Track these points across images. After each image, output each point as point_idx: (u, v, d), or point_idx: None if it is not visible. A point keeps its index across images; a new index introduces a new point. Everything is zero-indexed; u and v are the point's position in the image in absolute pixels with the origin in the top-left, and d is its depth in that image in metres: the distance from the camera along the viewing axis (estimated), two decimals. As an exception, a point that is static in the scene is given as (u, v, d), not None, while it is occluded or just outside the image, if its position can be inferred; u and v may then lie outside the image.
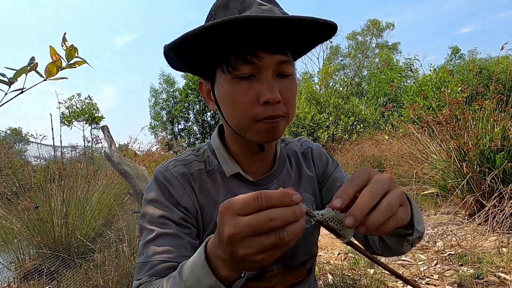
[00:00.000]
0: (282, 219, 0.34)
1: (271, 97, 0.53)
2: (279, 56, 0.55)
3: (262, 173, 0.68)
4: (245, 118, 0.56)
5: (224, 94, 0.57)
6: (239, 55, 0.54)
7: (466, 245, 2.05)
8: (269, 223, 0.34)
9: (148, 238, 0.58)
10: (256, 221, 0.34)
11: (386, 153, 5.45)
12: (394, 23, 23.85)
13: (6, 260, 2.48)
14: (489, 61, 15.11)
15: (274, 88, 0.54)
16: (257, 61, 0.53)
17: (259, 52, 0.53)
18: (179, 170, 0.64)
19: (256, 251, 0.35)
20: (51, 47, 0.56)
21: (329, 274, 1.84)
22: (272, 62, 0.54)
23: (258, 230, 0.34)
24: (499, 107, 2.78)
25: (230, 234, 0.35)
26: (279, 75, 0.57)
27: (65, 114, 14.59)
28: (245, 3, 0.56)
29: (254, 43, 0.53)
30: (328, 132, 9.42)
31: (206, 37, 0.52)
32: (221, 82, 0.57)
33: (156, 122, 18.85)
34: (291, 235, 0.35)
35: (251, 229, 0.34)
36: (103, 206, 3.02)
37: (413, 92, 9.72)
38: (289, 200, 0.36)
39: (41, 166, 3.52)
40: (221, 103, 0.60)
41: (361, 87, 18.93)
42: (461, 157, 2.62)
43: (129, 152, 5.46)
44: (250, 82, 0.55)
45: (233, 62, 0.54)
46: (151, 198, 0.62)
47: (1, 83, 0.54)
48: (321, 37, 0.60)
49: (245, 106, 0.55)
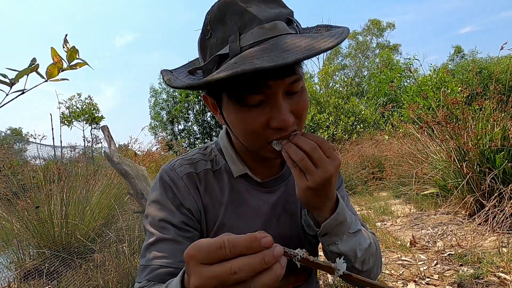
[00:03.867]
0: (247, 270, 0.30)
1: (283, 124, 0.51)
2: (287, 79, 0.51)
3: (270, 175, 0.67)
4: (257, 141, 0.55)
5: (234, 120, 0.55)
6: (247, 87, 0.50)
7: (466, 245, 2.05)
8: (232, 276, 0.30)
9: (149, 241, 0.58)
10: (219, 274, 0.31)
11: (386, 153, 5.45)
12: (394, 23, 23.88)
13: (6, 260, 2.48)
14: (488, 61, 15.12)
15: (285, 112, 0.51)
16: (266, 90, 0.50)
17: (268, 82, 0.50)
18: (185, 170, 0.63)
19: None
20: (52, 48, 0.56)
21: (329, 274, 1.84)
22: (282, 86, 0.51)
23: (223, 282, 0.31)
24: (499, 107, 2.78)
25: (196, 285, 0.32)
26: (289, 92, 0.53)
27: (65, 114, 14.58)
28: (243, 18, 0.50)
29: (261, 75, 0.49)
30: (328, 132, 9.42)
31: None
32: (229, 108, 0.54)
33: (156, 122, 18.85)
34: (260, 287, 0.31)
35: (215, 281, 0.31)
36: (103, 206, 3.01)
37: (413, 92, 9.72)
38: (257, 246, 0.32)
39: (41, 166, 3.52)
40: (231, 126, 0.57)
41: (361, 87, 18.94)
42: (461, 157, 2.62)
43: (129, 152, 5.46)
44: (260, 109, 0.52)
45: (240, 94, 0.51)
46: (154, 198, 0.62)
47: (2, 84, 0.55)
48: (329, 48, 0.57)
49: (256, 131, 0.53)
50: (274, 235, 0.64)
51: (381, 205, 3.64)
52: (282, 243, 0.64)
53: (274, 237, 0.64)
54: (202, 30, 0.57)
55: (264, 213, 0.65)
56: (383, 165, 5.29)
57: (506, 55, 12.91)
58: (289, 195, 0.68)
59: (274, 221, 0.66)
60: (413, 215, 3.03)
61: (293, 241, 0.67)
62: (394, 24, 23.82)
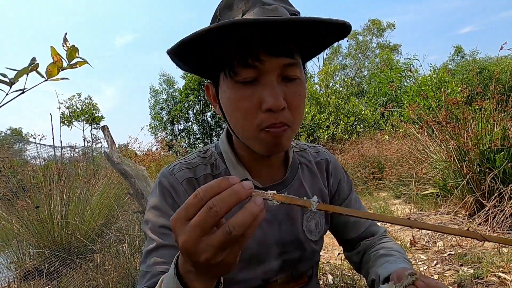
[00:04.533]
0: (220, 203, 0.31)
1: (273, 104, 0.50)
2: (283, 59, 0.51)
3: (271, 180, 0.66)
4: (249, 126, 0.53)
5: (227, 100, 0.54)
6: (241, 59, 0.50)
7: (466, 245, 2.05)
8: (209, 212, 0.31)
9: (149, 247, 0.57)
10: (199, 218, 0.32)
11: (386, 153, 5.44)
12: (394, 23, 23.88)
13: (6, 260, 2.48)
14: (488, 61, 15.12)
15: (277, 94, 0.50)
16: (260, 65, 0.50)
17: (261, 56, 0.50)
18: (185, 175, 0.62)
19: (213, 253, 0.32)
20: (52, 47, 0.56)
21: (329, 274, 1.84)
22: (276, 66, 0.51)
23: (205, 227, 0.32)
24: (499, 107, 2.78)
25: (183, 242, 0.33)
26: (285, 78, 0.53)
27: (65, 114, 14.58)
28: (248, 3, 0.52)
29: (256, 46, 0.49)
30: (328, 132, 9.42)
31: (205, 42, 0.48)
32: (224, 86, 0.54)
33: (156, 122, 18.85)
34: (239, 228, 0.31)
35: (199, 229, 0.32)
36: (103, 206, 3.01)
37: (413, 92, 9.72)
38: (227, 183, 0.33)
39: (41, 166, 3.52)
40: (225, 109, 0.57)
41: (361, 87, 18.95)
42: (461, 157, 2.62)
43: (129, 152, 5.46)
44: (253, 88, 0.51)
45: (235, 66, 0.51)
46: (153, 204, 0.60)
47: (2, 83, 0.54)
48: (333, 38, 0.55)
49: (248, 113, 0.52)
50: (275, 241, 0.65)
51: (381, 205, 3.64)
52: (283, 248, 0.65)
53: (275, 242, 0.64)
54: (212, 18, 0.59)
55: (265, 218, 0.63)
56: (383, 165, 5.29)
57: (506, 55, 12.92)
58: None
59: (275, 227, 0.65)
60: (413, 215, 3.03)
61: (294, 246, 0.66)
62: (394, 24, 23.82)
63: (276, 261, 0.65)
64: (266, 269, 0.64)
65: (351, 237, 0.75)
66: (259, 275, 0.63)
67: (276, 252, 0.65)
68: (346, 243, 0.78)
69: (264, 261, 0.64)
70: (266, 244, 0.64)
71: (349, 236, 0.76)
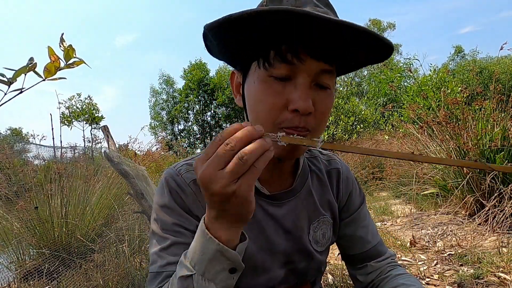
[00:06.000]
0: (235, 140, 0.37)
1: (302, 106, 0.48)
2: (322, 63, 0.49)
3: (279, 186, 0.64)
4: (268, 122, 0.51)
5: (254, 91, 0.52)
6: (280, 52, 0.48)
7: (466, 245, 2.05)
8: (225, 147, 0.37)
9: (162, 246, 0.55)
10: (219, 153, 0.37)
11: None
12: (395, 23, 23.91)
13: (6, 260, 2.48)
14: (489, 61, 15.12)
15: (308, 97, 0.49)
16: (297, 63, 0.48)
17: (301, 54, 0.48)
18: (192, 176, 0.59)
19: (228, 180, 0.37)
20: (49, 47, 0.56)
21: (329, 274, 1.84)
22: (313, 68, 0.49)
23: (221, 159, 0.37)
24: (499, 107, 2.78)
25: (202, 173, 0.38)
26: (318, 85, 0.51)
27: (65, 114, 14.59)
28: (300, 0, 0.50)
29: (299, 42, 0.48)
30: (328, 132, 9.42)
31: (251, 25, 0.46)
32: (254, 77, 0.52)
33: (156, 122, 18.87)
34: (249, 154, 0.36)
35: (216, 160, 0.37)
36: (103, 206, 3.01)
37: (413, 92, 9.72)
38: (239, 126, 0.39)
39: (41, 166, 3.52)
40: (248, 100, 0.55)
41: (361, 87, 18.96)
42: (461, 157, 2.62)
43: (129, 152, 5.46)
44: (284, 85, 0.50)
45: (271, 58, 0.49)
46: (162, 203, 0.58)
47: (0, 83, 0.55)
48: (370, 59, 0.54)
49: (272, 109, 0.50)
50: (281, 250, 0.64)
51: (381, 205, 3.64)
52: (288, 258, 0.65)
53: (280, 251, 0.63)
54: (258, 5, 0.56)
55: (271, 226, 0.62)
56: (383, 165, 5.29)
57: (506, 55, 12.92)
58: (299, 209, 0.65)
59: (281, 236, 0.63)
60: (413, 215, 3.03)
61: (299, 255, 0.65)
62: (394, 24, 23.86)
63: (281, 270, 0.64)
64: (271, 277, 0.63)
65: (356, 252, 0.72)
66: (264, 283, 0.62)
67: (281, 261, 0.64)
68: (350, 259, 0.75)
69: (269, 269, 0.62)
70: (272, 252, 0.62)
71: (354, 251, 0.73)
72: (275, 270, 0.63)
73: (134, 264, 2.13)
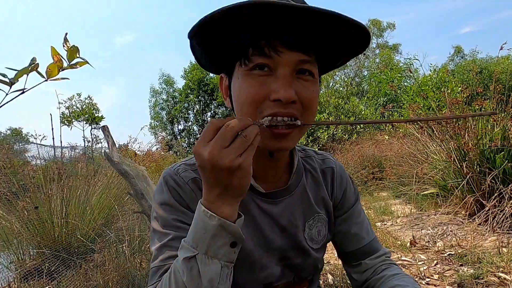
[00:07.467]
0: (237, 125, 0.43)
1: (283, 95, 0.49)
2: (299, 54, 0.51)
3: (275, 185, 0.65)
4: (252, 111, 0.52)
5: (238, 86, 0.55)
6: (257, 47, 0.51)
7: (466, 245, 2.05)
8: (227, 128, 0.43)
9: (163, 241, 0.56)
10: (220, 133, 0.43)
11: (386, 153, 5.45)
12: (395, 23, 23.92)
13: (6, 260, 2.47)
14: (488, 61, 15.11)
15: (289, 86, 0.50)
16: (275, 56, 0.50)
17: (278, 47, 0.50)
18: (190, 175, 0.61)
19: (235, 155, 0.42)
20: (52, 47, 0.56)
21: (329, 274, 1.84)
22: (291, 60, 0.51)
23: (225, 138, 0.43)
24: (499, 107, 2.78)
25: (209, 153, 0.42)
26: (300, 73, 0.53)
27: (65, 114, 14.58)
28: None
29: (274, 36, 0.50)
30: (328, 132, 9.42)
31: (224, 25, 0.48)
32: (238, 75, 0.55)
33: (156, 122, 18.87)
34: (249, 134, 0.44)
35: (220, 140, 0.43)
36: (103, 206, 3.01)
37: (413, 92, 9.72)
38: (235, 118, 0.45)
39: (41, 166, 3.52)
40: (234, 98, 0.57)
41: (361, 87, 18.95)
42: (461, 157, 2.62)
43: (129, 152, 5.46)
44: (266, 78, 0.52)
45: (250, 54, 0.51)
46: (162, 201, 0.60)
47: (2, 83, 0.55)
48: (350, 48, 0.56)
49: (254, 99, 0.52)
50: (277, 247, 0.65)
51: (381, 205, 3.64)
52: (284, 254, 0.65)
53: (276, 248, 0.64)
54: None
55: (266, 223, 0.63)
56: (383, 165, 5.29)
57: (506, 55, 12.91)
58: (294, 207, 0.66)
59: (277, 233, 0.64)
60: (413, 215, 3.03)
61: (295, 252, 0.66)
62: (394, 24, 23.87)
63: (278, 267, 0.65)
64: (268, 274, 0.64)
65: (351, 249, 0.73)
66: (260, 279, 0.64)
67: (278, 258, 0.65)
68: (345, 256, 0.75)
69: (266, 266, 0.64)
70: (267, 249, 0.64)
71: (349, 248, 0.73)
72: (272, 266, 0.64)
73: (134, 264, 2.13)
